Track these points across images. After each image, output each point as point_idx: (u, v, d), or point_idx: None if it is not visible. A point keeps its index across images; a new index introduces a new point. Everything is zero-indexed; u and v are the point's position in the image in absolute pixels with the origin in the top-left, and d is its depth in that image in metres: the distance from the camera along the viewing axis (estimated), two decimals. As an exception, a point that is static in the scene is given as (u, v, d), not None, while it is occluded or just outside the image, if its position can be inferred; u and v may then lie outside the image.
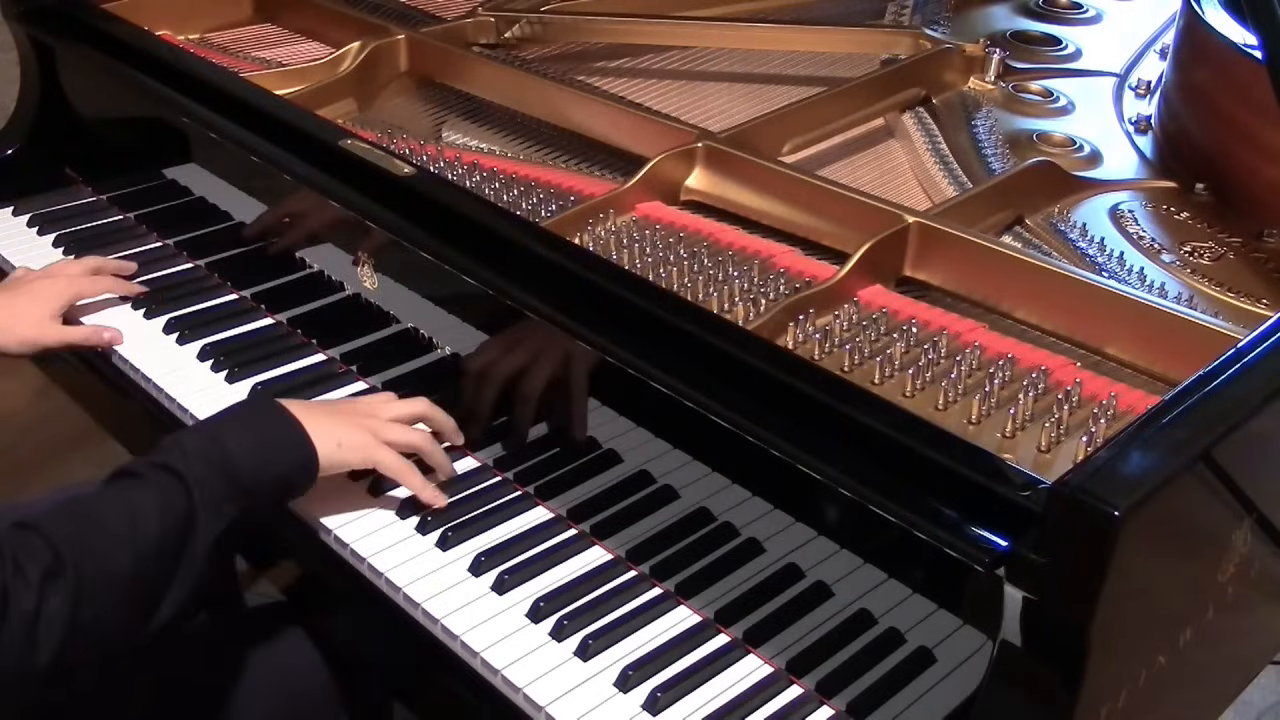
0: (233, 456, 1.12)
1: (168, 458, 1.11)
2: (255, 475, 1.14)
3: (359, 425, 1.22)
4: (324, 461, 1.19)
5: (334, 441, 1.19)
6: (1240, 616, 1.14)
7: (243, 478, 1.13)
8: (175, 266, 1.66)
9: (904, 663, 1.07)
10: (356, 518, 1.25)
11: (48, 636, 0.97)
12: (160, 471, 1.10)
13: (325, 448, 1.19)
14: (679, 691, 1.08)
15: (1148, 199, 1.47)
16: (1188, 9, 1.56)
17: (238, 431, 1.16)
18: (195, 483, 1.09)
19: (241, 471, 1.12)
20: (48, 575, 0.97)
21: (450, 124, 1.68)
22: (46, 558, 0.98)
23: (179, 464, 1.10)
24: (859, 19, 1.92)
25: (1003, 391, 1.14)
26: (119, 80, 1.69)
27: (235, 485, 1.12)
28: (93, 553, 1.01)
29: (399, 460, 1.23)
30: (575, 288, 1.21)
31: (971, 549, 0.94)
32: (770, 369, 1.09)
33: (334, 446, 1.19)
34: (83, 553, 1.01)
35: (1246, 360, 1.01)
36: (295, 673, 1.30)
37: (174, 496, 1.08)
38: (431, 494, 1.24)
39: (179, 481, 1.09)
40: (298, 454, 1.18)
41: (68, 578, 0.98)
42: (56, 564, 0.98)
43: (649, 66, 1.76)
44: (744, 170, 1.43)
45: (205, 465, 1.11)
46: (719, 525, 1.18)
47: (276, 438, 1.17)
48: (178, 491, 1.08)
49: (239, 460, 1.13)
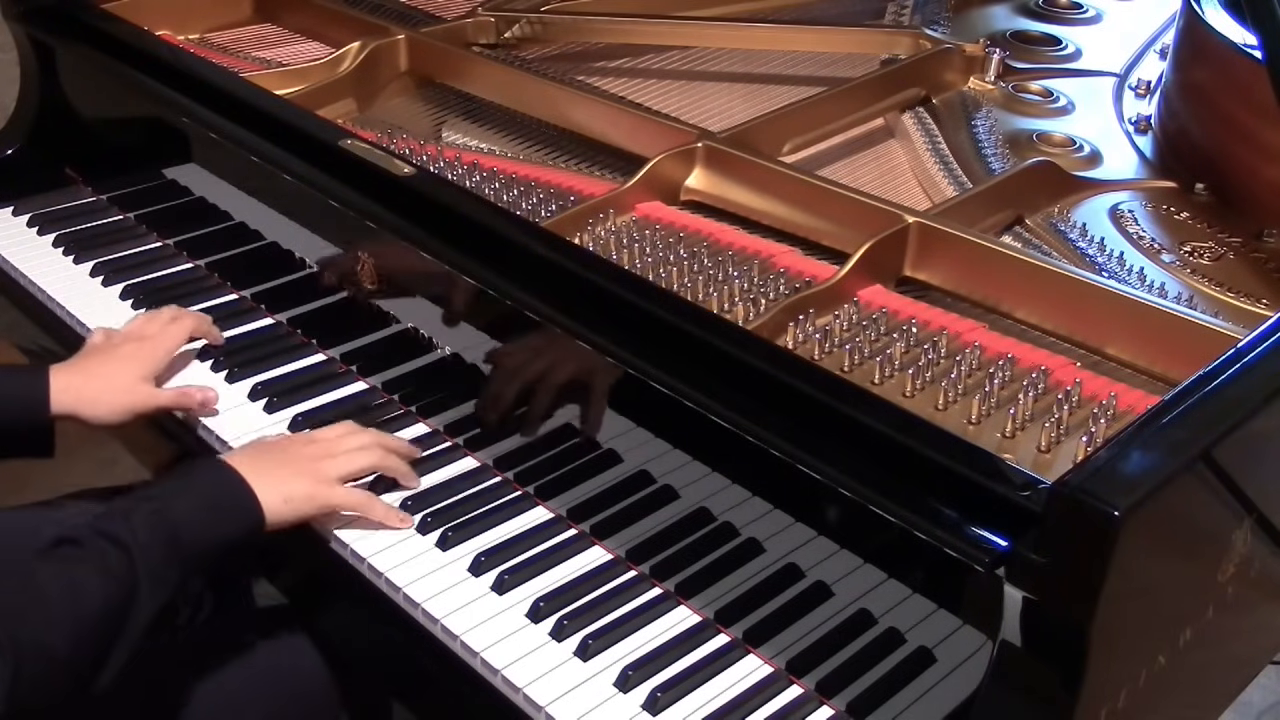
0: (179, 526, 1.12)
1: (114, 527, 1.09)
2: (200, 543, 1.13)
3: (308, 471, 1.21)
4: (272, 521, 1.18)
5: (280, 498, 1.19)
6: (1240, 616, 1.14)
7: (186, 546, 1.12)
8: (175, 266, 1.67)
9: (904, 663, 1.07)
10: (357, 518, 1.25)
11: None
12: (105, 542, 1.08)
13: (272, 505, 1.18)
14: (679, 691, 1.08)
15: (1148, 199, 1.47)
16: (1188, 9, 1.56)
17: (184, 498, 1.15)
18: (140, 553, 1.08)
19: (186, 540, 1.12)
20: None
21: (450, 124, 1.68)
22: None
23: (125, 534, 1.09)
24: (859, 19, 1.92)
25: (1003, 391, 1.14)
26: (119, 80, 1.69)
27: (178, 553, 1.11)
28: (33, 630, 1.01)
29: (354, 496, 1.23)
30: (575, 288, 1.21)
31: (971, 549, 0.94)
32: (770, 369, 1.09)
33: (280, 503, 1.19)
34: (22, 629, 1.00)
35: (1246, 360, 1.01)
36: (296, 673, 1.30)
37: (118, 568, 1.07)
38: (396, 519, 1.24)
39: (124, 553, 1.08)
40: (244, 519, 1.17)
41: (5, 658, 0.98)
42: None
43: (649, 66, 1.76)
44: (744, 170, 1.43)
45: (150, 534, 1.10)
46: (719, 525, 1.18)
47: (223, 503, 1.17)
48: (121, 562, 1.07)
49: (185, 529, 1.12)
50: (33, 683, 1.01)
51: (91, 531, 1.09)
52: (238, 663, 1.28)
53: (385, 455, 1.27)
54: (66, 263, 1.67)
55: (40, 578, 1.05)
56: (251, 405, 1.41)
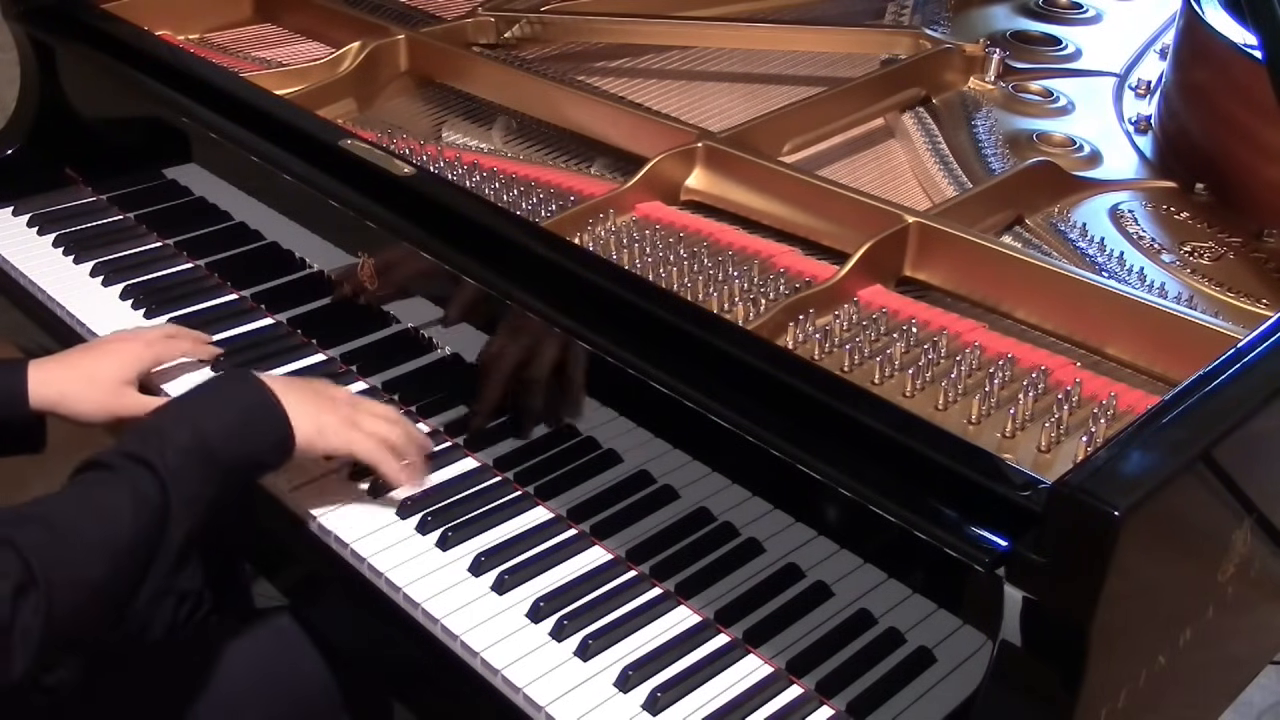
0: (211, 438, 1.11)
1: (143, 449, 1.09)
2: (233, 455, 1.13)
3: (338, 410, 1.22)
4: (302, 444, 1.18)
5: (314, 425, 1.19)
6: (1240, 616, 1.14)
7: (220, 458, 1.12)
8: (175, 266, 1.67)
9: (904, 663, 1.07)
10: (356, 518, 1.25)
11: (23, 649, 0.96)
12: (135, 465, 1.08)
13: (305, 430, 1.18)
14: (679, 691, 1.08)
15: (1148, 199, 1.47)
16: (1188, 9, 1.56)
17: (217, 410, 1.15)
18: (169, 475, 1.08)
19: (219, 452, 1.12)
20: (20, 589, 0.96)
21: (450, 124, 1.68)
22: (18, 571, 0.97)
23: (154, 456, 1.08)
24: (859, 19, 1.92)
25: (1003, 391, 1.14)
26: (119, 80, 1.69)
27: (212, 466, 1.11)
28: (65, 562, 1.00)
29: (377, 447, 1.23)
30: (575, 288, 1.21)
31: (971, 549, 0.94)
32: (770, 369, 1.09)
33: (314, 430, 1.19)
34: (55, 563, 0.99)
35: (1246, 360, 1.01)
36: (296, 673, 1.30)
37: (147, 492, 1.07)
38: (409, 475, 1.24)
39: (153, 475, 1.07)
40: (275, 433, 1.17)
41: (40, 591, 0.97)
42: (28, 577, 0.97)
43: (649, 66, 1.76)
44: (744, 170, 1.43)
45: (183, 454, 1.09)
46: (719, 525, 1.18)
47: (255, 416, 1.16)
48: (151, 486, 1.07)
49: (217, 441, 1.12)
50: (69, 613, 1.00)
51: (123, 457, 1.08)
52: (238, 663, 1.28)
53: (404, 436, 1.25)
54: (66, 263, 1.67)
55: (72, 508, 1.05)
56: (251, 405, 1.41)
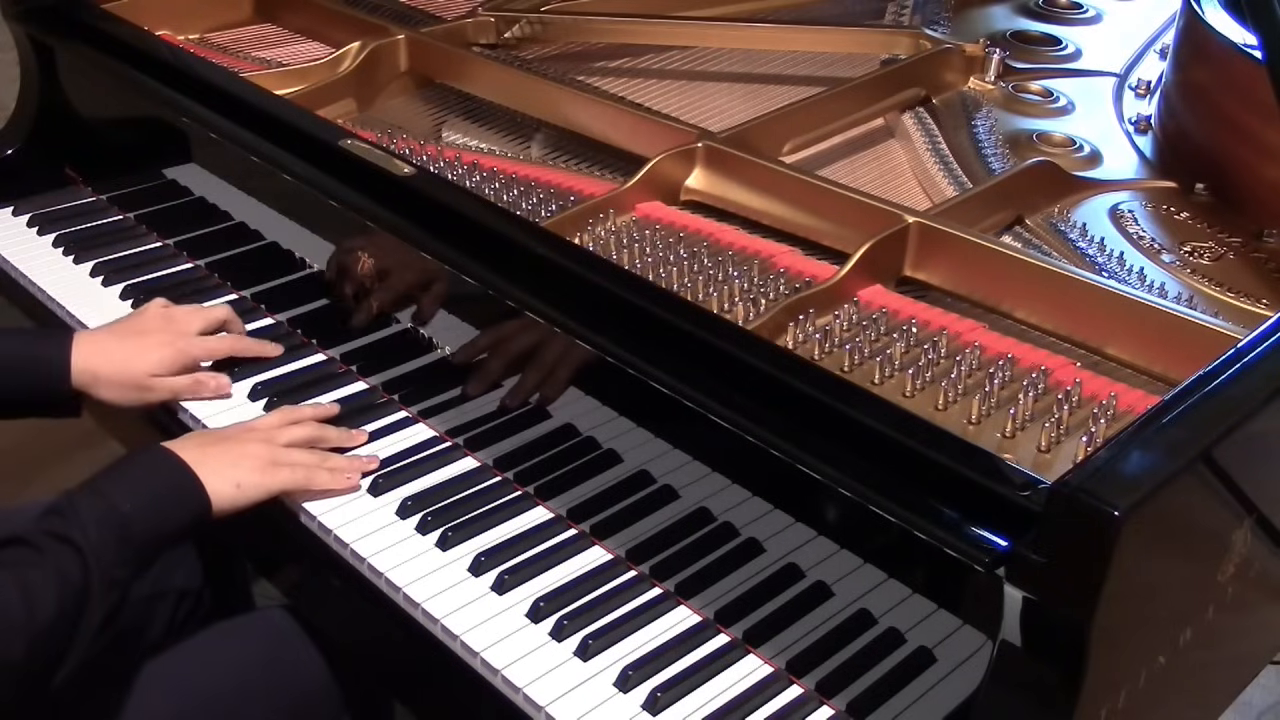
0: (128, 520, 1.11)
1: (65, 527, 1.08)
2: (149, 535, 1.13)
3: (254, 454, 1.22)
4: (222, 506, 1.18)
5: (231, 485, 1.19)
6: (1240, 616, 1.14)
7: (137, 539, 1.11)
8: (175, 266, 1.67)
9: (904, 663, 1.07)
10: (356, 518, 1.25)
11: None
12: (57, 544, 1.07)
13: (223, 492, 1.18)
14: (679, 691, 1.08)
15: (1148, 199, 1.47)
16: (1188, 9, 1.56)
17: (132, 491, 1.14)
18: (91, 553, 1.07)
19: (136, 534, 1.11)
20: None
21: (450, 124, 1.68)
22: None
23: (76, 534, 1.08)
24: (859, 19, 1.92)
25: (1003, 391, 1.14)
26: (119, 80, 1.69)
27: (129, 547, 1.11)
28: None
29: (300, 474, 1.24)
30: (575, 288, 1.21)
31: (971, 549, 0.94)
32: (770, 369, 1.09)
33: (232, 489, 1.19)
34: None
35: (1246, 360, 1.01)
36: (296, 673, 1.30)
37: (71, 572, 1.06)
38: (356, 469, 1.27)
39: (76, 554, 1.07)
40: (192, 507, 1.17)
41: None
42: None
43: (649, 66, 1.76)
44: (744, 170, 1.43)
45: (100, 531, 1.09)
46: (719, 525, 1.18)
47: (170, 493, 1.16)
48: (75, 565, 1.06)
49: (134, 523, 1.11)
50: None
51: (45, 536, 1.08)
52: (238, 662, 1.28)
53: (319, 428, 1.29)
54: (66, 263, 1.66)
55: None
56: (252, 405, 1.41)
